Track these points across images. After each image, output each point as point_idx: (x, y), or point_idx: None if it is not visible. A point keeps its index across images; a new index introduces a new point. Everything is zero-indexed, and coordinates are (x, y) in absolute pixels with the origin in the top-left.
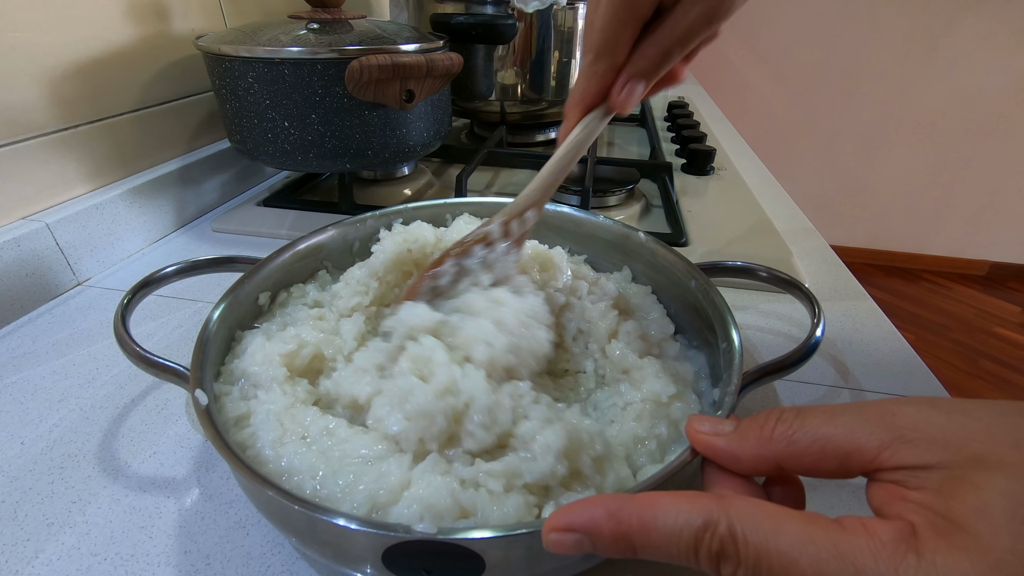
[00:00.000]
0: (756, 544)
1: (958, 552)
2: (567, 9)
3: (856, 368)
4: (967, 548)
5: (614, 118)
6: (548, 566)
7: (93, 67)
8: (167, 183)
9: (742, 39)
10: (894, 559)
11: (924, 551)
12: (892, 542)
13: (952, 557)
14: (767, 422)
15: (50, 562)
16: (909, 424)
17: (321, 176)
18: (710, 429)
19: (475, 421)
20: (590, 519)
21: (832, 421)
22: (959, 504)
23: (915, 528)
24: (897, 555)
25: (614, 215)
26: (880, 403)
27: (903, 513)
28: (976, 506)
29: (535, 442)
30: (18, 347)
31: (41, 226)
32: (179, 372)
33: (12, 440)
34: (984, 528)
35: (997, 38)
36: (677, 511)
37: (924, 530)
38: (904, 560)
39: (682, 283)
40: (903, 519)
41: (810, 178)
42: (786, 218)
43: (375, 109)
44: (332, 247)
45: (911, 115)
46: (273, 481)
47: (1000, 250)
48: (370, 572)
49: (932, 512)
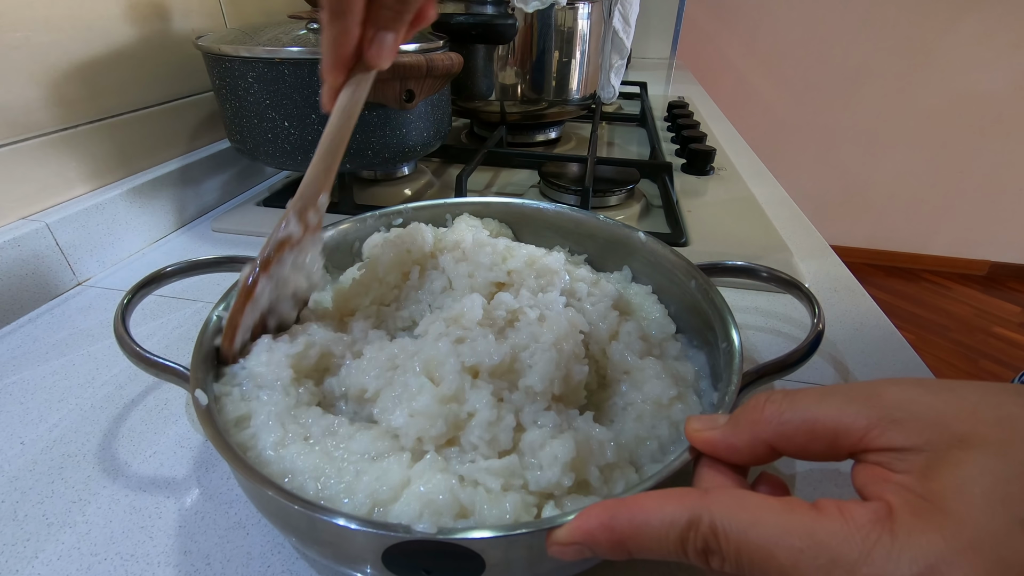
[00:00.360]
0: (736, 538)
1: (933, 531)
2: (567, 9)
3: (856, 368)
4: (942, 527)
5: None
6: (548, 566)
7: (93, 67)
8: (167, 183)
9: (742, 39)
10: (868, 541)
11: (899, 531)
12: (867, 524)
13: (926, 536)
14: (757, 404)
15: (50, 562)
16: (896, 403)
17: None
18: (706, 425)
19: (475, 434)
20: (587, 531)
21: (821, 401)
22: (938, 483)
23: (892, 508)
24: (871, 537)
25: (614, 215)
26: (868, 384)
27: (883, 493)
28: (955, 485)
29: (543, 451)
30: (18, 347)
31: (41, 226)
32: (179, 372)
33: (12, 440)
34: (961, 506)
35: (997, 38)
36: (663, 512)
37: (901, 510)
38: (878, 541)
39: (682, 283)
40: (881, 499)
41: (810, 178)
42: (786, 218)
43: (375, 109)
44: (332, 247)
45: (911, 115)
46: (273, 481)
47: (1000, 250)
48: (370, 572)
49: (911, 492)
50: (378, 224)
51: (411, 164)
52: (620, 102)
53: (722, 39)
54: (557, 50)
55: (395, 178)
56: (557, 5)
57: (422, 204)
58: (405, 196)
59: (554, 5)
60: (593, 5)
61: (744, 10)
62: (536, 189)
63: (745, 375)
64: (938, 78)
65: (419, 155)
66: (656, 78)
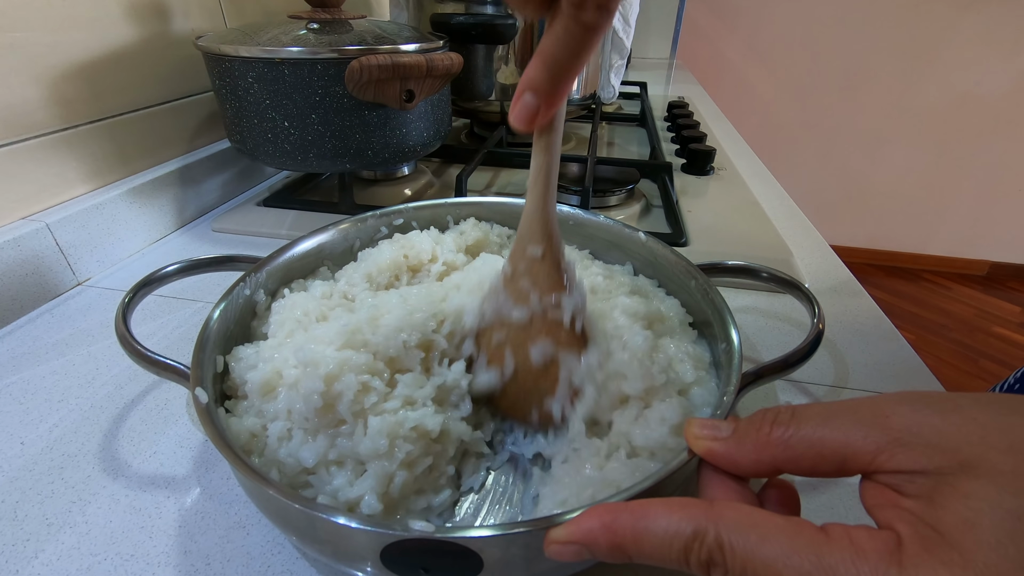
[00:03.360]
0: (742, 554)
1: (941, 568)
2: None
3: (856, 368)
4: (951, 563)
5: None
6: (546, 565)
7: (93, 67)
8: (167, 183)
9: (742, 39)
10: (876, 572)
11: (907, 565)
12: (875, 554)
13: (935, 572)
14: (763, 425)
15: (50, 562)
16: (904, 427)
17: (321, 176)
18: (708, 433)
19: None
20: (587, 531)
21: (827, 423)
22: (948, 514)
23: (901, 539)
24: (879, 568)
25: (614, 215)
26: (875, 401)
27: (892, 522)
28: (964, 518)
29: None
30: (18, 347)
31: (41, 226)
32: (180, 371)
33: (12, 440)
34: (970, 543)
35: (997, 38)
36: (668, 520)
37: (910, 542)
38: (886, 573)
39: (682, 283)
40: (890, 529)
41: (810, 178)
42: (786, 218)
43: (375, 109)
44: (332, 247)
45: (911, 115)
46: (273, 480)
47: (1000, 250)
48: (369, 571)
49: (921, 522)
50: (378, 224)
51: (411, 164)
52: (620, 102)
53: (722, 39)
54: None
55: (395, 178)
56: None
57: (422, 204)
58: (405, 196)
59: None
60: None
61: (744, 10)
62: None
63: (745, 375)
64: (938, 78)
65: (419, 155)
66: (656, 78)
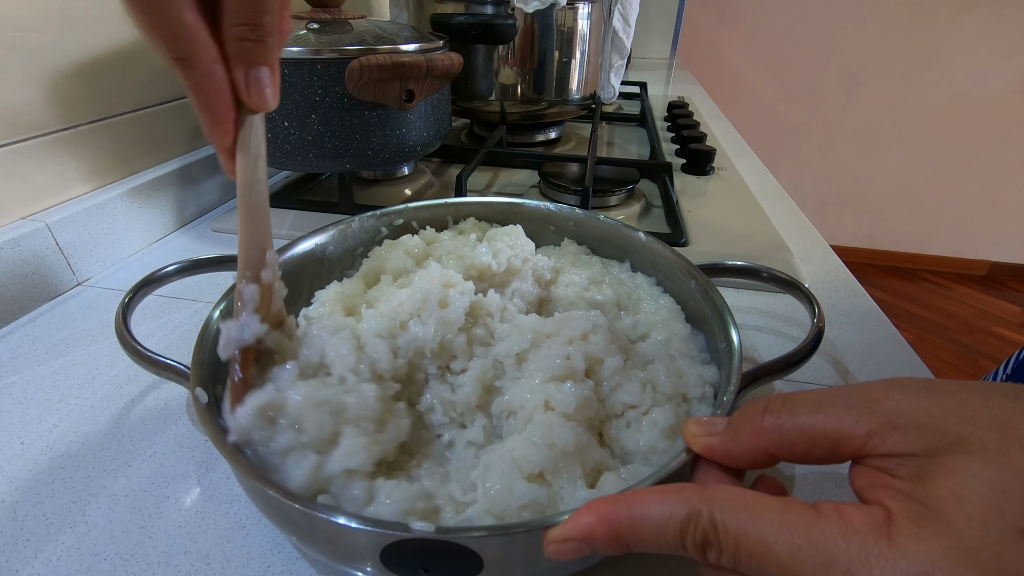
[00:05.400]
0: (735, 531)
1: (930, 539)
2: (567, 9)
3: (856, 368)
4: (939, 535)
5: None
6: (546, 564)
7: (93, 67)
8: (167, 183)
9: (742, 39)
10: (866, 545)
11: (896, 537)
12: (865, 528)
13: (923, 543)
14: (756, 414)
15: (50, 562)
16: (895, 410)
17: (321, 176)
18: (705, 430)
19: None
20: (585, 527)
21: (820, 409)
22: (937, 490)
23: (891, 514)
24: (869, 541)
25: (614, 215)
26: (866, 387)
27: (882, 499)
28: (953, 492)
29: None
30: (18, 347)
31: (41, 226)
32: (180, 371)
33: (12, 440)
34: (958, 515)
35: (997, 38)
36: (663, 506)
37: (899, 516)
38: (876, 546)
39: (682, 283)
40: (880, 505)
41: (810, 178)
42: (786, 218)
43: (375, 109)
44: (332, 247)
45: (911, 115)
46: (272, 480)
47: (1000, 250)
48: (369, 571)
49: (910, 498)
50: (378, 224)
51: (411, 164)
52: (620, 102)
53: (722, 39)
54: (557, 50)
55: (395, 178)
56: (557, 5)
57: (422, 204)
58: (405, 196)
59: (554, 5)
60: (593, 5)
61: (744, 10)
62: (536, 189)
63: (744, 375)
64: (938, 78)
65: (419, 155)
66: (656, 78)
